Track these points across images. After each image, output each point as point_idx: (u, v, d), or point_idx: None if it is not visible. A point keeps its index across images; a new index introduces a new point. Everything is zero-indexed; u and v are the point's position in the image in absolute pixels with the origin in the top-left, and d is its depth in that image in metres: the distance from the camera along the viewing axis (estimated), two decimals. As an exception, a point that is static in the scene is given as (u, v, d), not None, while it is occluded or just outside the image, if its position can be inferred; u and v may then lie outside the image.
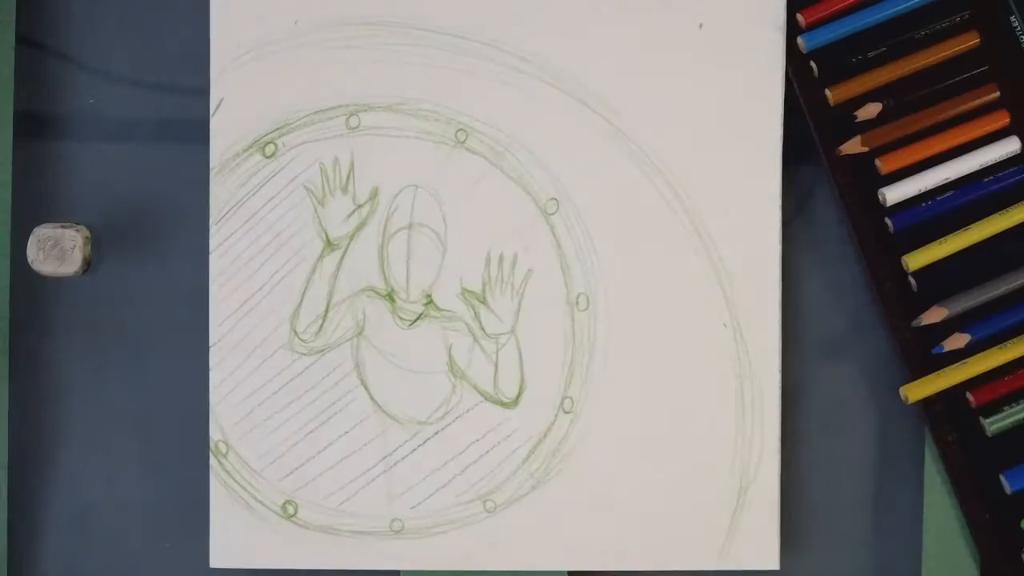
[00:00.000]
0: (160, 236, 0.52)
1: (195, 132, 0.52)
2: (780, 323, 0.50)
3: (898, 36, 0.49)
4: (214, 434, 0.51)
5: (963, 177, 0.49)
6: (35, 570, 0.52)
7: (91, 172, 0.53)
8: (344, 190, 0.51)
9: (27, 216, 0.52)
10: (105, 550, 0.52)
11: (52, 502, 0.52)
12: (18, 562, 0.52)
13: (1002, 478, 0.48)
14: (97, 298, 0.52)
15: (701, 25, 0.51)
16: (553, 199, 0.51)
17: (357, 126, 0.51)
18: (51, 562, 0.52)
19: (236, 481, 0.50)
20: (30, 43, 0.53)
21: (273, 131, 0.51)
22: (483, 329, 0.51)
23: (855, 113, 0.49)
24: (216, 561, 0.50)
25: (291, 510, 0.50)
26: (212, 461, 0.51)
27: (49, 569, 0.52)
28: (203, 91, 0.51)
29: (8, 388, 0.52)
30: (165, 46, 0.53)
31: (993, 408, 0.49)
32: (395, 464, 0.51)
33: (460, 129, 0.51)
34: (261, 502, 0.50)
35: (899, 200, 0.49)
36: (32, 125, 0.53)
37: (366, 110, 0.51)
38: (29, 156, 0.53)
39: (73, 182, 0.53)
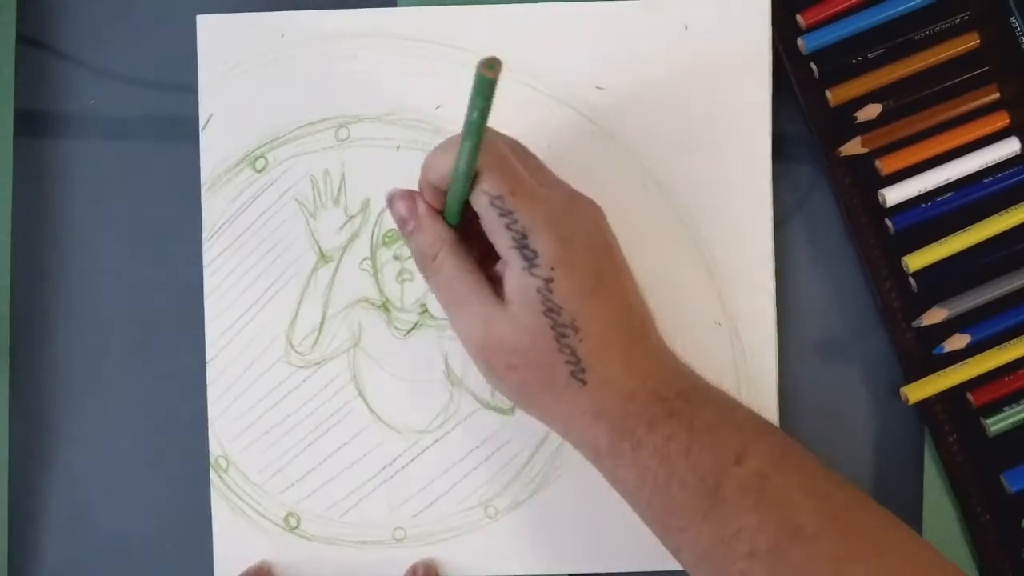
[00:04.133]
0: (162, 236, 0.52)
1: (196, 132, 0.51)
2: (775, 322, 0.50)
3: (898, 37, 0.49)
4: (214, 449, 0.51)
5: (963, 178, 0.49)
6: (35, 571, 0.52)
7: (91, 172, 0.52)
8: (336, 202, 0.51)
9: (27, 216, 0.52)
10: (105, 558, 0.52)
11: (52, 503, 0.52)
12: (18, 563, 0.52)
13: (1002, 478, 0.48)
14: (98, 298, 0.52)
15: (687, 27, 0.50)
16: (546, 204, 0.50)
17: (347, 138, 0.51)
18: (51, 563, 0.52)
19: (237, 496, 0.51)
20: (31, 43, 0.52)
21: (263, 145, 0.51)
22: (480, 336, 0.51)
23: (855, 114, 0.49)
24: (220, 574, 0.51)
25: (293, 522, 0.51)
26: (213, 476, 0.51)
27: (49, 570, 0.52)
28: (204, 90, 0.51)
29: (8, 388, 0.52)
30: (166, 46, 0.52)
31: (994, 408, 0.48)
32: (395, 473, 0.51)
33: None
34: (263, 515, 0.51)
35: (899, 201, 0.49)
36: (32, 125, 0.52)
37: (355, 121, 0.50)
38: (29, 156, 0.52)
39: (73, 182, 0.52)
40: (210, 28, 0.51)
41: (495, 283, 0.42)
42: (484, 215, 0.41)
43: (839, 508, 0.41)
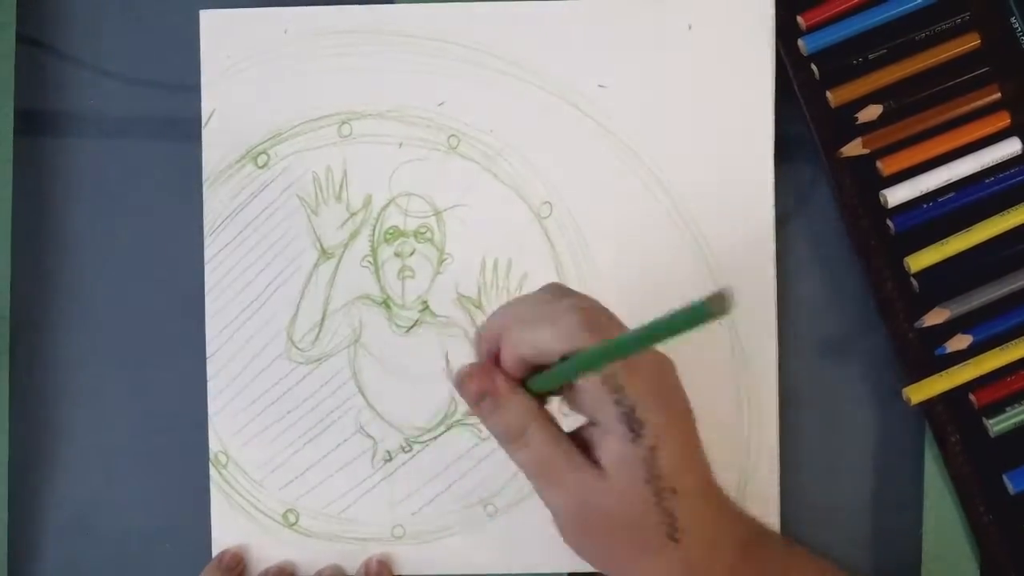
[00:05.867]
0: (162, 233, 0.52)
1: (196, 131, 0.51)
2: (776, 322, 0.50)
3: (899, 38, 0.49)
4: (214, 445, 0.51)
5: (964, 178, 0.49)
6: (35, 571, 0.52)
7: (91, 172, 0.53)
8: (337, 198, 0.51)
9: (27, 216, 0.52)
10: (105, 553, 0.52)
11: (52, 503, 0.52)
12: (18, 563, 0.52)
13: (1005, 479, 0.48)
14: (98, 296, 0.52)
15: (690, 26, 0.50)
16: (546, 202, 0.50)
17: (349, 134, 0.51)
18: (51, 563, 0.52)
19: (237, 491, 0.51)
20: (30, 42, 0.53)
21: (265, 141, 0.51)
22: (480, 334, 0.51)
23: (856, 115, 0.49)
24: (219, 570, 0.51)
25: (292, 519, 0.51)
26: (212, 472, 0.51)
27: (49, 569, 0.52)
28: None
29: (8, 388, 0.52)
30: (166, 45, 0.52)
31: (996, 409, 0.48)
32: (395, 470, 0.51)
33: (452, 135, 0.50)
34: (262, 512, 0.51)
35: (900, 202, 0.49)
36: (32, 125, 0.53)
37: (357, 118, 0.51)
38: (29, 156, 0.52)
39: (73, 182, 0.52)
40: (213, 23, 0.51)
41: (579, 443, 0.42)
42: (590, 388, 0.40)
43: None
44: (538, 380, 0.41)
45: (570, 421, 0.42)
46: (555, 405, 0.42)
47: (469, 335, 0.51)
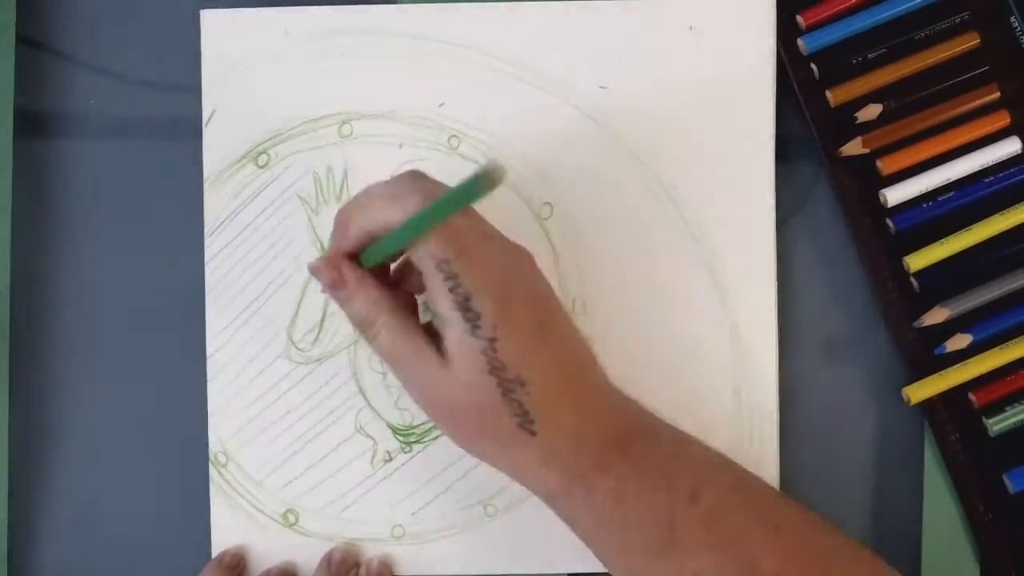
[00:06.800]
0: (163, 233, 0.52)
1: (196, 131, 0.51)
2: (777, 323, 0.50)
3: (898, 37, 0.49)
4: (213, 445, 0.51)
5: (964, 178, 0.49)
6: (35, 571, 0.52)
7: (91, 172, 0.53)
8: (338, 198, 0.51)
9: (27, 216, 0.52)
10: (105, 553, 0.52)
11: (52, 503, 0.52)
12: (18, 563, 0.52)
13: (1005, 478, 0.48)
14: (98, 296, 0.52)
15: (691, 27, 0.50)
16: (547, 203, 0.50)
17: (350, 134, 0.51)
18: (51, 563, 0.52)
19: (236, 491, 0.51)
20: (30, 43, 0.53)
21: (266, 141, 0.51)
22: (481, 335, 0.51)
23: (856, 114, 0.49)
24: (218, 570, 0.51)
25: (292, 519, 0.51)
26: (212, 472, 0.51)
27: (49, 569, 0.52)
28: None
29: (8, 388, 0.52)
30: (166, 45, 0.52)
31: (996, 408, 0.48)
32: (395, 471, 0.51)
33: (453, 135, 0.50)
34: (262, 512, 0.51)
35: (900, 201, 0.49)
36: (32, 125, 0.53)
37: (358, 118, 0.51)
38: (29, 156, 0.52)
39: (73, 182, 0.52)
40: (214, 23, 0.51)
41: (432, 335, 0.42)
42: (428, 275, 0.41)
43: (798, 542, 0.42)
44: (368, 252, 0.42)
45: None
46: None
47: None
